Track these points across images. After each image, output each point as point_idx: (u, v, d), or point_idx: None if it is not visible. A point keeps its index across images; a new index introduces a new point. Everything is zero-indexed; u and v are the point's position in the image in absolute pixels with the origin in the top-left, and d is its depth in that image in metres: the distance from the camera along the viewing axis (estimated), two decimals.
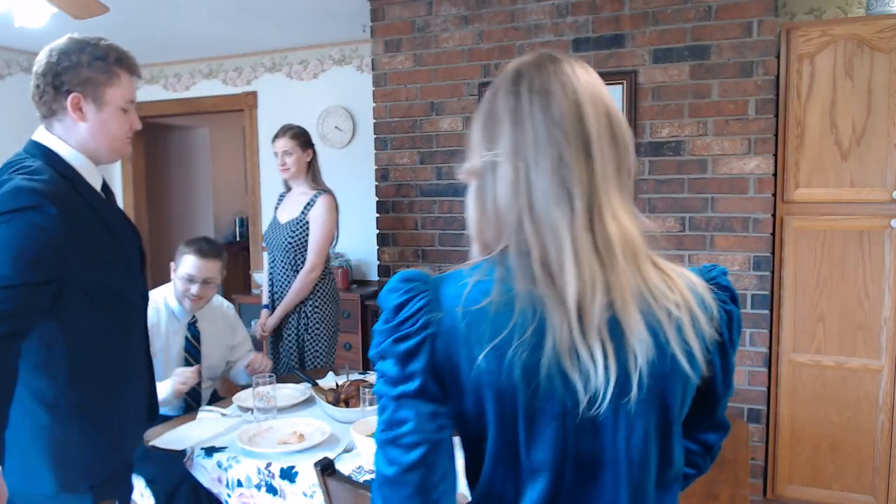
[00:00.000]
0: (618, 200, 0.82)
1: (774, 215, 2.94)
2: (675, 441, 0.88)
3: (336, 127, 4.50)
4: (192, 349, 2.53)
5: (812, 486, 2.98)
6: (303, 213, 3.01)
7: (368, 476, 1.73)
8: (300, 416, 2.18)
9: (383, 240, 3.60)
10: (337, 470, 1.55)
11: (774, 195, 2.92)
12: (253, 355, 2.59)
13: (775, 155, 2.91)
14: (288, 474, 1.81)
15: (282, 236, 3.03)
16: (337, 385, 2.32)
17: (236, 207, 6.73)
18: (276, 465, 1.83)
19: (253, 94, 4.78)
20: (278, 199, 3.22)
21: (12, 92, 4.50)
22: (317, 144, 3.19)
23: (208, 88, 4.91)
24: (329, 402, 2.18)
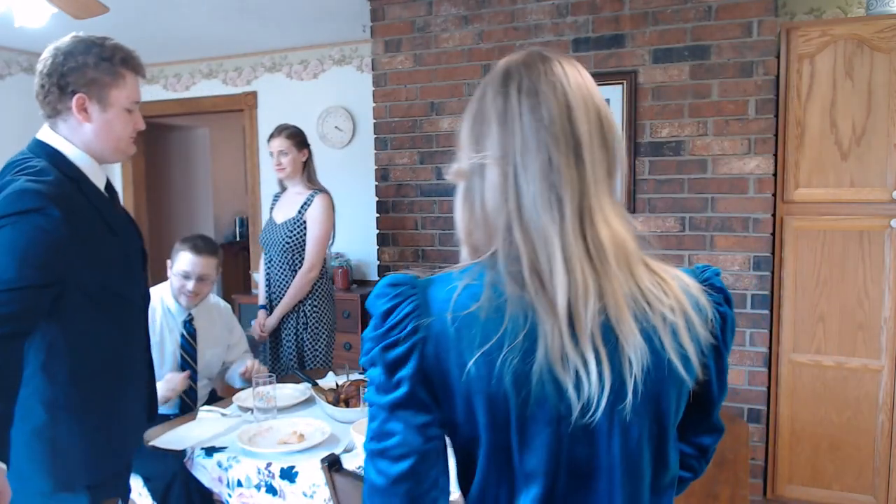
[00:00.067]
0: (609, 204, 0.81)
1: (774, 215, 2.94)
2: (671, 445, 0.87)
3: (336, 127, 4.50)
4: (188, 346, 2.54)
5: (812, 486, 2.98)
6: (300, 213, 3.01)
7: None
8: (300, 416, 2.18)
9: (383, 240, 3.60)
10: (343, 466, 1.55)
11: (774, 195, 2.92)
12: (249, 362, 2.58)
13: (775, 155, 2.91)
14: (288, 474, 1.81)
15: (279, 236, 3.03)
16: (337, 385, 2.32)
17: (236, 207, 6.72)
18: (276, 465, 1.83)
19: (253, 94, 4.77)
20: (273, 199, 3.22)
21: (12, 92, 4.50)
22: (317, 144, 3.19)
23: (208, 88, 4.91)
24: (329, 402, 2.18)
